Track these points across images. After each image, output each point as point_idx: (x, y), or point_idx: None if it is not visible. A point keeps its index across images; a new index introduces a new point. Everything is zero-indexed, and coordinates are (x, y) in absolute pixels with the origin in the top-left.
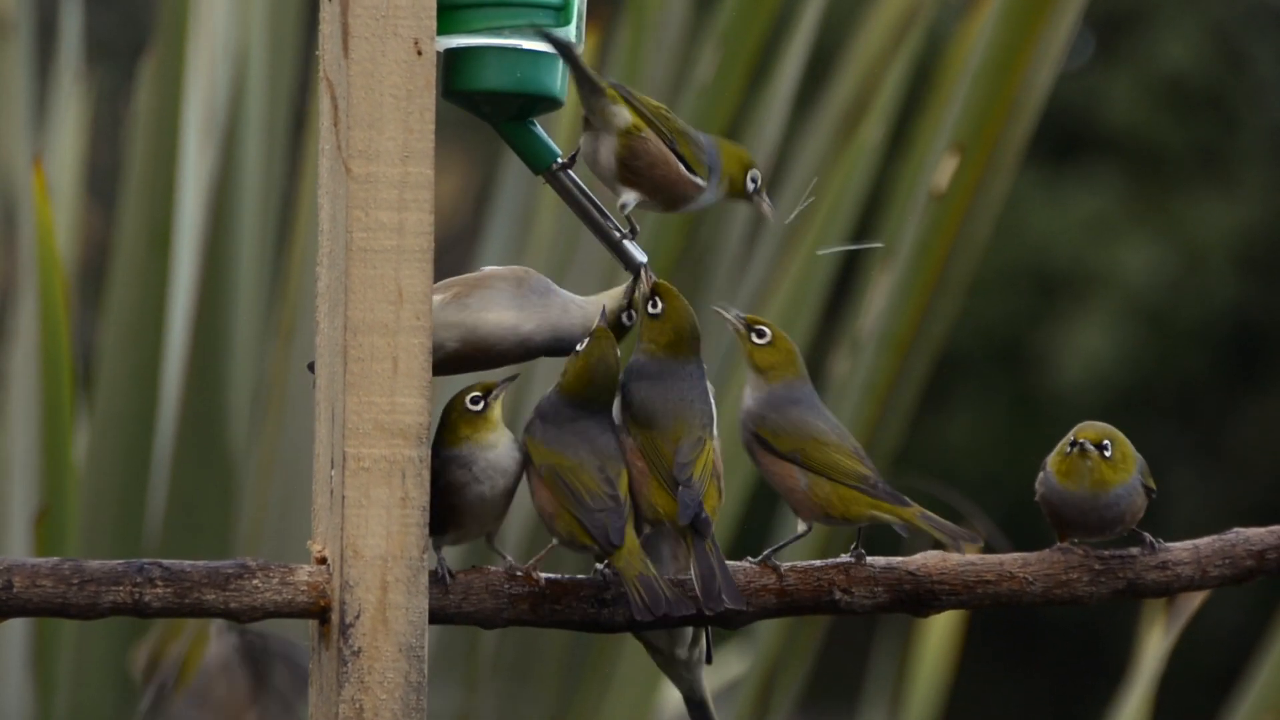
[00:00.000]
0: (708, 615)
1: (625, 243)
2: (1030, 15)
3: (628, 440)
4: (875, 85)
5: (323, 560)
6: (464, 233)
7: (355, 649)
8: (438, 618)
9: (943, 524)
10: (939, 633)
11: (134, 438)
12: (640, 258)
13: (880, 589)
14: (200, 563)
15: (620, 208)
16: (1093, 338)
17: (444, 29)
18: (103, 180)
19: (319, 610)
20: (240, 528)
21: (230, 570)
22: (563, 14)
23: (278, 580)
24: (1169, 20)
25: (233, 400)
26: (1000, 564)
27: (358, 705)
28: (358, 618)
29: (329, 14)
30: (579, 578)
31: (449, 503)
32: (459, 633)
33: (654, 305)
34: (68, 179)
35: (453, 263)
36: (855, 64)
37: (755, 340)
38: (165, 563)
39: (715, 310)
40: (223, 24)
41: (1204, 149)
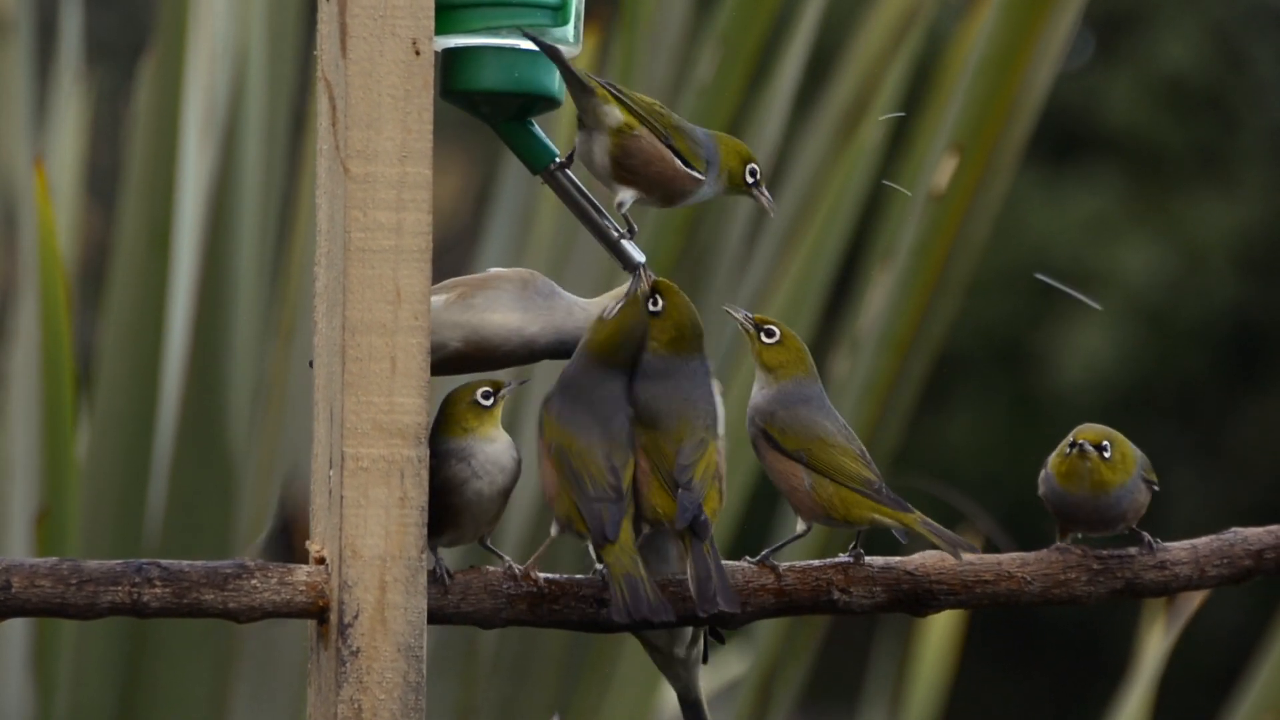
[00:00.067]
0: (701, 617)
1: (624, 242)
2: (1030, 15)
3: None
4: (875, 85)
5: (321, 560)
6: (464, 233)
7: (354, 649)
8: (436, 618)
9: (943, 532)
10: (939, 633)
11: (134, 438)
12: (639, 257)
13: (878, 589)
14: (199, 563)
15: (617, 206)
16: (1092, 338)
17: (442, 29)
18: (103, 180)
19: (317, 610)
20: (240, 528)
21: (229, 570)
22: (560, 14)
23: (276, 580)
24: (1169, 20)
25: (233, 400)
26: (998, 564)
27: (356, 705)
28: (356, 618)
29: (327, 14)
30: (577, 577)
31: (446, 500)
32: (457, 632)
33: (654, 303)
34: (68, 179)
35: (453, 263)
36: (855, 64)
37: (764, 339)
38: (163, 563)
39: (725, 310)
40: (222, 24)
41: (1204, 149)
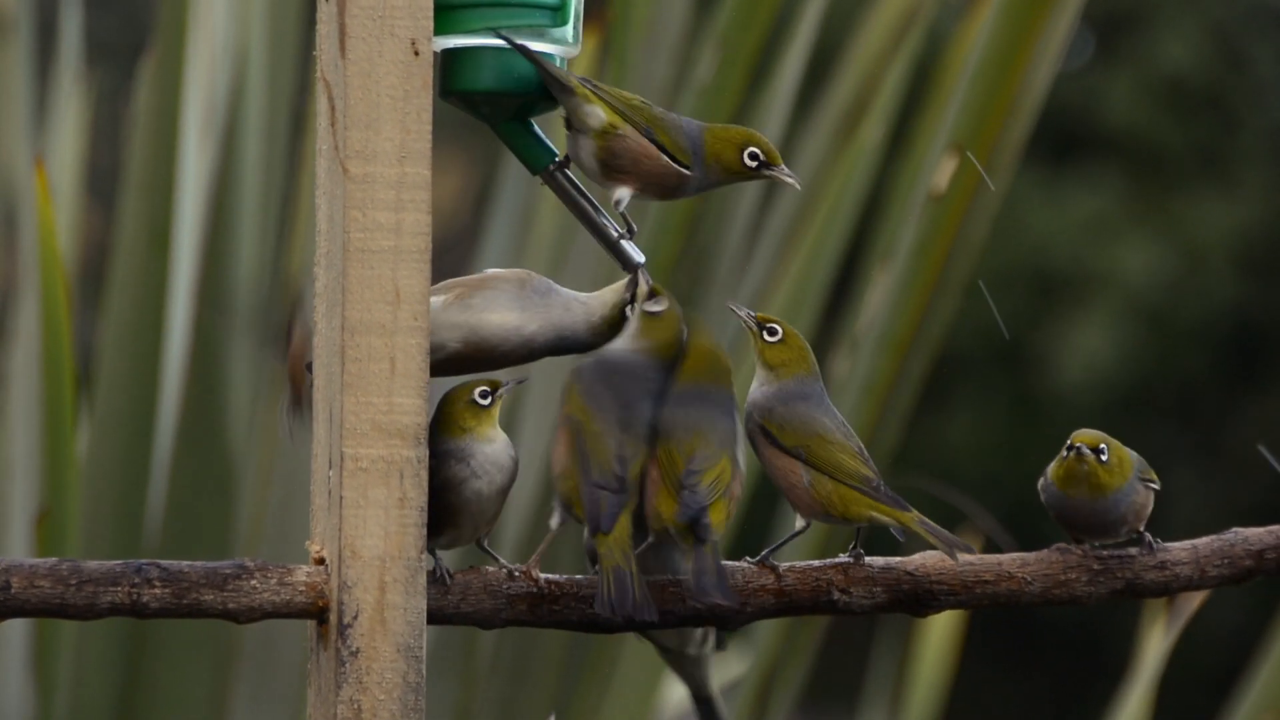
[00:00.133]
0: (700, 617)
1: (623, 242)
2: (1030, 15)
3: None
4: (875, 85)
5: (321, 561)
6: (464, 233)
7: (353, 649)
8: (436, 618)
9: (940, 532)
10: (939, 633)
11: (134, 438)
12: (638, 258)
13: (879, 589)
14: (198, 563)
15: (615, 204)
16: (1093, 338)
17: (441, 29)
18: (103, 180)
19: (317, 611)
20: (239, 528)
21: (228, 571)
22: (560, 14)
23: (276, 581)
24: (1169, 20)
25: (233, 400)
26: (999, 564)
27: (356, 705)
28: (356, 618)
29: (326, 14)
30: (577, 578)
31: (444, 500)
32: (456, 633)
33: (659, 304)
34: (68, 179)
35: (452, 263)
36: (855, 64)
37: (767, 338)
38: (163, 563)
39: (728, 308)
40: (222, 24)
41: (1204, 149)
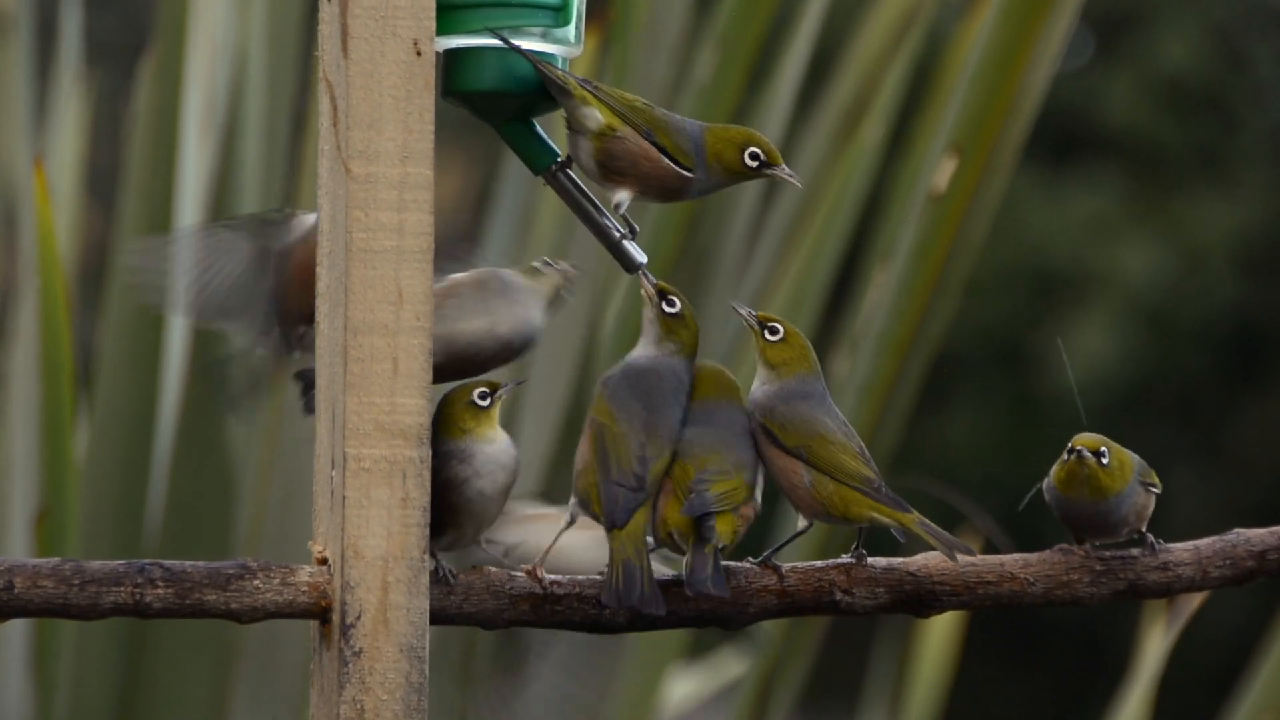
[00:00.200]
0: (702, 612)
1: (625, 243)
2: (1030, 15)
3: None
4: (875, 85)
5: (324, 561)
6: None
7: (356, 649)
8: (439, 618)
9: (940, 533)
10: (939, 633)
11: (134, 438)
12: (640, 258)
13: (881, 589)
14: (201, 563)
15: (615, 207)
16: (1093, 338)
17: (443, 29)
18: (103, 180)
19: (320, 611)
20: (240, 528)
21: (231, 571)
22: (562, 14)
23: (279, 581)
24: (1169, 20)
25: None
26: (1001, 564)
27: (359, 706)
28: (359, 618)
29: (328, 14)
30: (580, 578)
31: (446, 501)
32: (456, 632)
33: (671, 304)
34: (68, 179)
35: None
36: (855, 64)
37: (768, 337)
38: (166, 563)
39: (730, 307)
40: (222, 24)
41: (1204, 149)
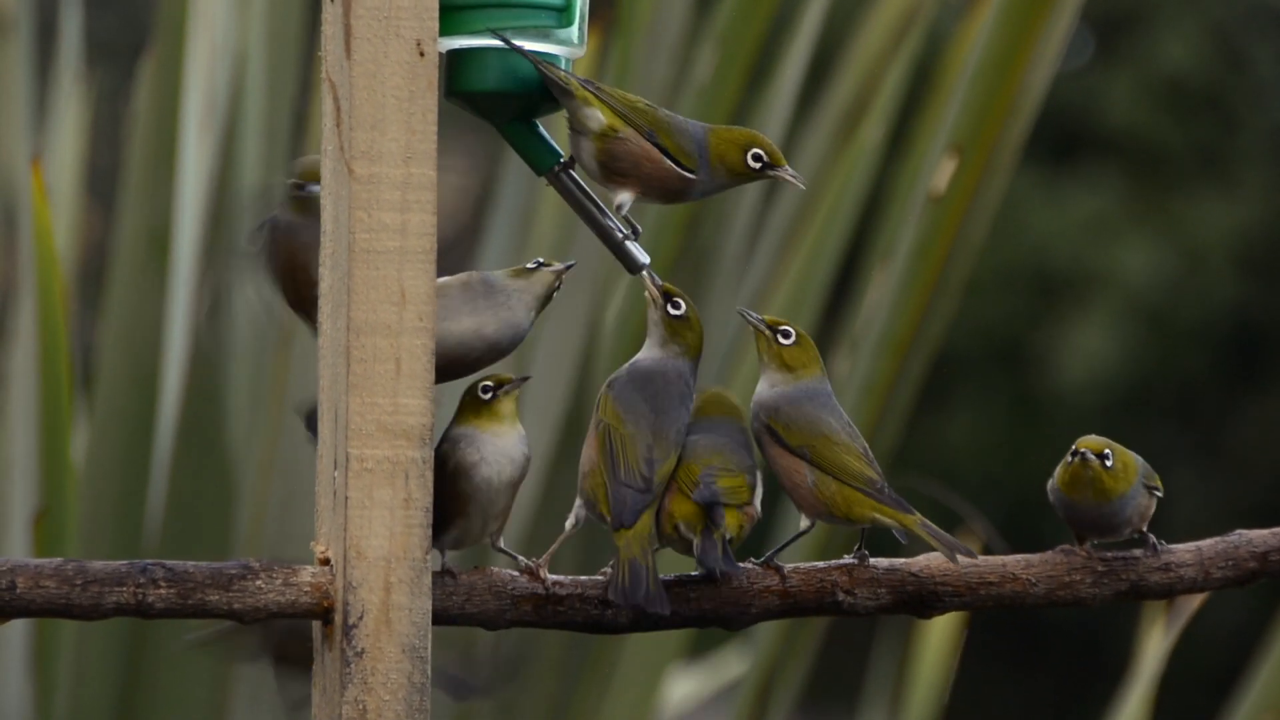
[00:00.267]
0: (704, 612)
1: (628, 244)
2: (1030, 15)
3: None
4: (875, 85)
5: (326, 561)
6: (464, 233)
7: (359, 650)
8: (441, 619)
9: (942, 535)
10: (939, 633)
11: (134, 438)
12: (643, 259)
13: (883, 590)
14: (203, 563)
15: (617, 209)
16: (1093, 338)
17: (446, 30)
18: (103, 180)
19: (322, 611)
20: (240, 528)
21: (234, 571)
22: (565, 15)
23: (281, 581)
24: (1169, 20)
25: (233, 400)
26: (1003, 565)
27: (361, 706)
28: (361, 619)
29: (331, 15)
30: (583, 578)
31: (456, 487)
32: (456, 632)
33: (676, 306)
34: (67, 179)
35: (453, 263)
36: (855, 64)
37: (782, 341)
38: (168, 563)
39: (739, 313)
40: (222, 24)
41: (1204, 149)
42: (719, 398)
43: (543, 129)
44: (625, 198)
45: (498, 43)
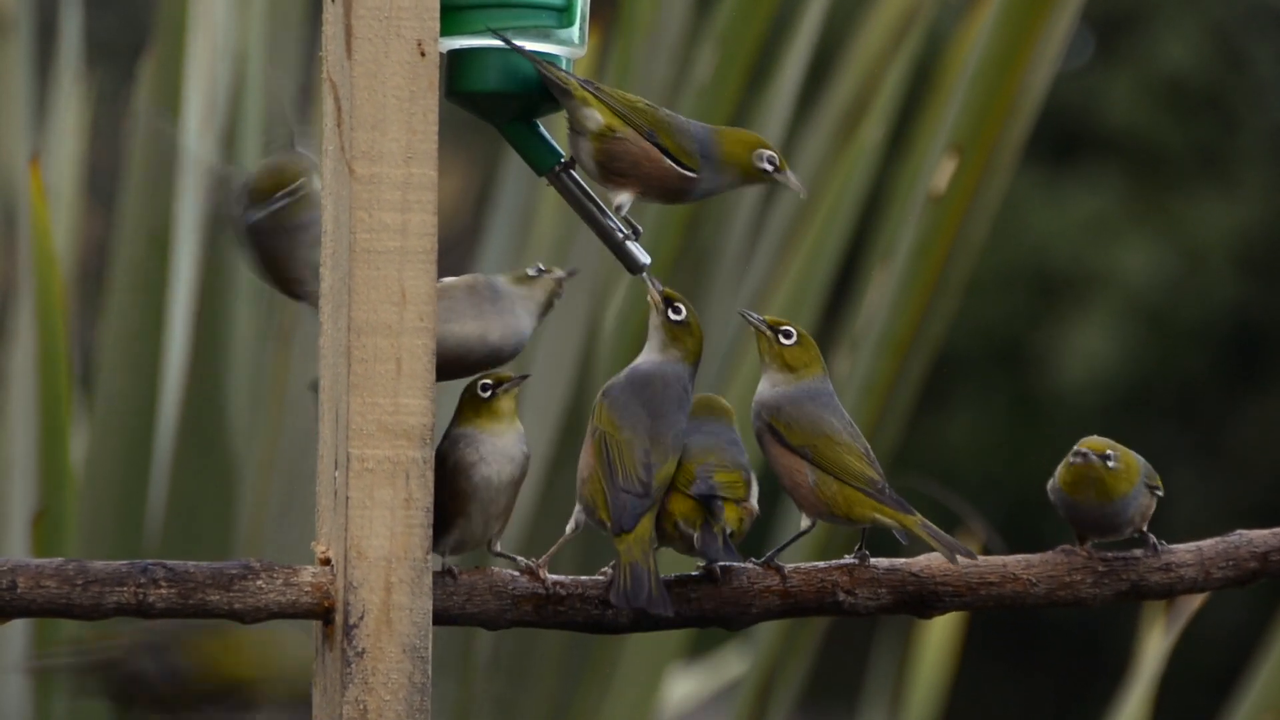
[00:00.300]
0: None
1: (629, 244)
2: (1030, 15)
3: None
4: (875, 85)
5: (326, 561)
6: (464, 233)
7: (359, 650)
8: (441, 619)
9: (942, 536)
10: (939, 633)
11: (134, 438)
12: (644, 259)
13: (884, 590)
14: (204, 564)
15: (616, 210)
16: (1093, 338)
17: (447, 30)
18: (103, 180)
19: (323, 611)
20: (240, 528)
21: (234, 571)
22: (566, 15)
23: (282, 581)
24: (1169, 20)
25: (233, 400)
26: (1004, 565)
27: (362, 706)
28: (362, 619)
29: (332, 15)
30: (583, 579)
31: (456, 487)
32: (456, 632)
33: (677, 311)
34: (67, 180)
35: (454, 263)
36: (855, 64)
37: (784, 341)
38: (169, 563)
39: (740, 314)
40: (222, 24)
41: (1204, 149)
42: (710, 401)
43: (543, 129)
44: (625, 198)
45: (498, 43)
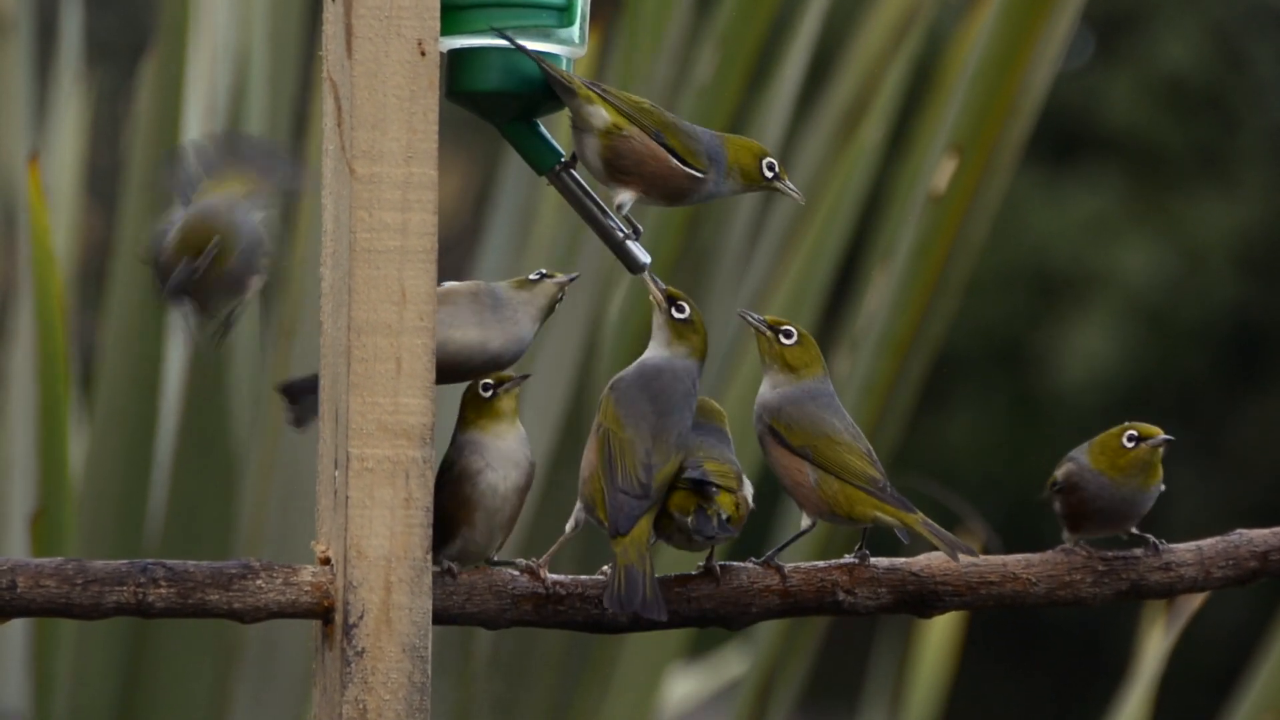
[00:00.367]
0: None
1: (629, 243)
2: (1030, 15)
3: None
4: (875, 85)
5: (326, 561)
6: (464, 233)
7: (359, 649)
8: (441, 618)
9: (943, 534)
10: (939, 633)
11: (134, 438)
12: (644, 259)
13: (884, 590)
14: (204, 563)
15: (617, 209)
16: (1093, 338)
17: (447, 29)
18: (103, 180)
19: (323, 611)
20: (240, 528)
21: (234, 570)
22: (566, 15)
23: (281, 581)
24: (1169, 20)
25: (233, 400)
26: (1004, 565)
27: (361, 706)
28: (361, 618)
29: (332, 14)
30: (583, 578)
31: (463, 495)
32: (455, 632)
33: (680, 310)
34: (68, 179)
35: (454, 263)
36: (855, 64)
37: (785, 341)
38: (169, 563)
39: (739, 314)
40: (224, 24)
41: (1204, 149)
42: (702, 404)
43: (543, 129)
44: (626, 197)
45: (499, 42)
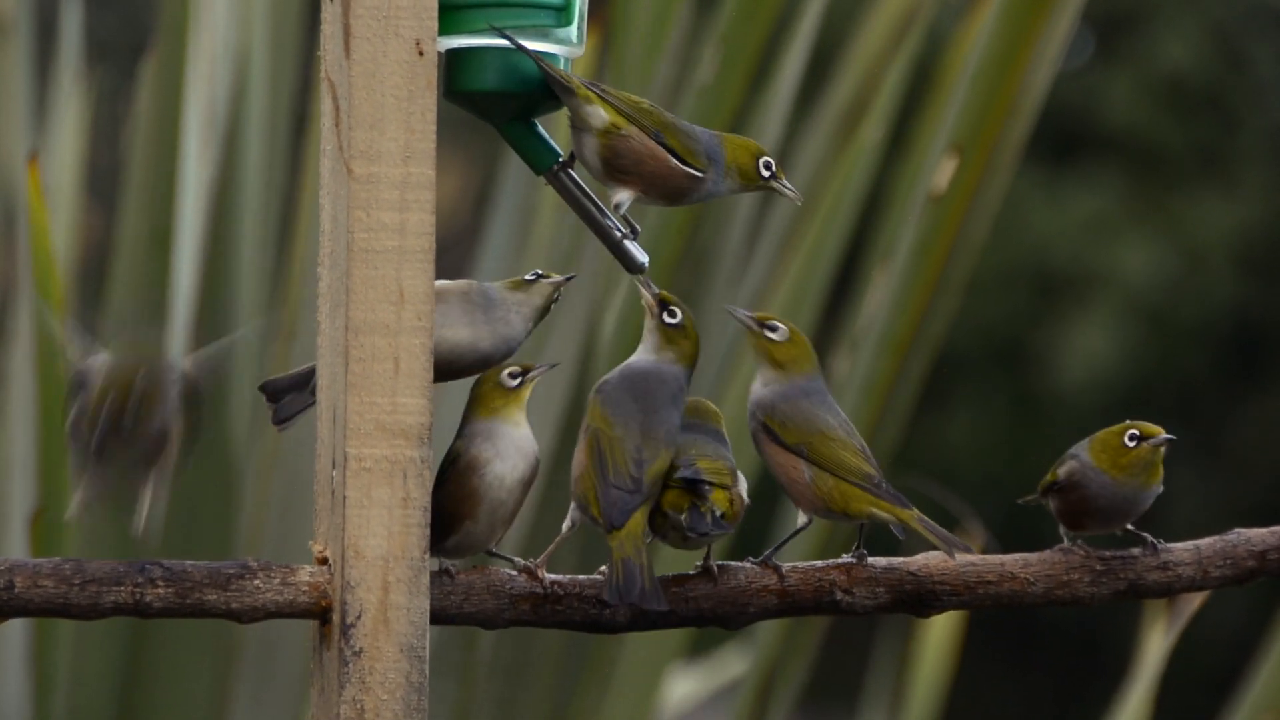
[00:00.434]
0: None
1: (627, 243)
2: (1030, 15)
3: None
4: (875, 85)
5: (324, 561)
6: (463, 233)
7: (357, 649)
8: (439, 618)
9: (939, 530)
10: (939, 633)
11: None
12: (642, 258)
13: (881, 589)
14: (201, 563)
15: (615, 208)
16: (1093, 338)
17: (445, 29)
18: (103, 180)
19: (320, 611)
20: (240, 528)
21: (232, 570)
22: (564, 14)
23: (279, 580)
24: (1169, 20)
25: (233, 400)
26: (1001, 564)
27: (359, 706)
28: (359, 618)
29: (330, 14)
30: (581, 578)
31: (467, 485)
32: (455, 632)
33: (672, 314)
34: (67, 179)
35: (453, 263)
36: (855, 64)
37: (772, 336)
38: (166, 563)
39: (726, 310)
40: (224, 24)
41: (1204, 149)
42: (698, 405)
43: (541, 128)
44: (624, 196)
45: (497, 42)
